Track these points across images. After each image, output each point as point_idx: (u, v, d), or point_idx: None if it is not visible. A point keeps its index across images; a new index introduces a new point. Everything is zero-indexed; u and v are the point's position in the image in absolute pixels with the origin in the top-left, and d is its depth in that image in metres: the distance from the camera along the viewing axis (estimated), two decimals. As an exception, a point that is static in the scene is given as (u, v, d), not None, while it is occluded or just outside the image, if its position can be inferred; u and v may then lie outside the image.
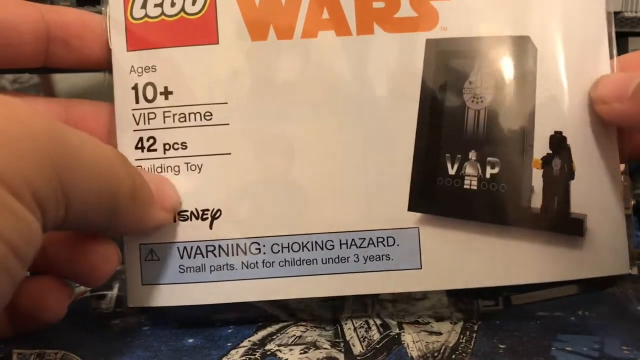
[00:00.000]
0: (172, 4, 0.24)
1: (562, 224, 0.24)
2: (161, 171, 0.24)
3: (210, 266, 0.24)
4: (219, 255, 0.24)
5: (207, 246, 0.24)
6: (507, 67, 0.24)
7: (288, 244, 0.24)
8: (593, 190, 0.24)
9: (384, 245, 0.24)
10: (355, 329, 0.25)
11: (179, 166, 0.24)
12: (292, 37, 0.24)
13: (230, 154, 0.24)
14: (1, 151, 0.15)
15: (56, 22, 0.23)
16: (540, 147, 0.24)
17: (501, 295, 0.26)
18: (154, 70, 0.24)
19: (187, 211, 0.24)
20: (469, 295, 0.25)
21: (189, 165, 0.24)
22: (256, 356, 0.23)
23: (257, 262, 0.24)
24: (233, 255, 0.24)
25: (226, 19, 0.24)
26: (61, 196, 0.17)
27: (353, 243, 0.24)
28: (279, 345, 0.24)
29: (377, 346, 0.24)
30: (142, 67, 0.24)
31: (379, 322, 0.25)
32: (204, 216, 0.24)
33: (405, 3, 0.24)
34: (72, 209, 0.17)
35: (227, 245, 0.24)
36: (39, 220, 0.16)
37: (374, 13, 0.24)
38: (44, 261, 0.20)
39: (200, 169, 0.24)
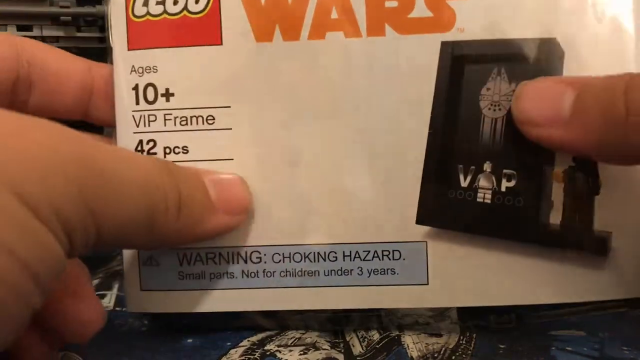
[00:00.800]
0: (175, 2, 0.23)
1: (583, 242, 0.23)
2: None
3: (210, 274, 0.24)
4: (219, 263, 0.24)
5: (207, 253, 0.24)
6: (529, 72, 0.22)
7: (289, 253, 0.23)
8: (619, 206, 0.22)
9: (389, 259, 0.23)
10: (355, 330, 0.25)
11: (180, 170, 0.23)
12: (299, 38, 0.23)
13: (232, 159, 0.23)
14: (30, 175, 0.15)
15: (102, 76, 0.24)
16: (562, 159, 0.22)
17: (514, 312, 0.24)
18: (155, 70, 0.23)
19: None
20: (479, 311, 0.24)
21: (190, 170, 0.23)
22: (255, 356, 0.23)
23: (257, 272, 0.23)
24: (233, 263, 0.24)
25: (230, 19, 0.23)
26: (91, 222, 0.16)
27: (357, 255, 0.23)
28: (279, 346, 0.24)
29: (377, 346, 0.23)
30: (142, 68, 0.23)
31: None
32: (204, 223, 0.23)
33: (420, 2, 0.22)
34: (104, 233, 0.17)
35: (228, 253, 0.23)
36: (64, 246, 0.16)
37: (386, 13, 0.23)
38: None
39: (201, 174, 0.23)
